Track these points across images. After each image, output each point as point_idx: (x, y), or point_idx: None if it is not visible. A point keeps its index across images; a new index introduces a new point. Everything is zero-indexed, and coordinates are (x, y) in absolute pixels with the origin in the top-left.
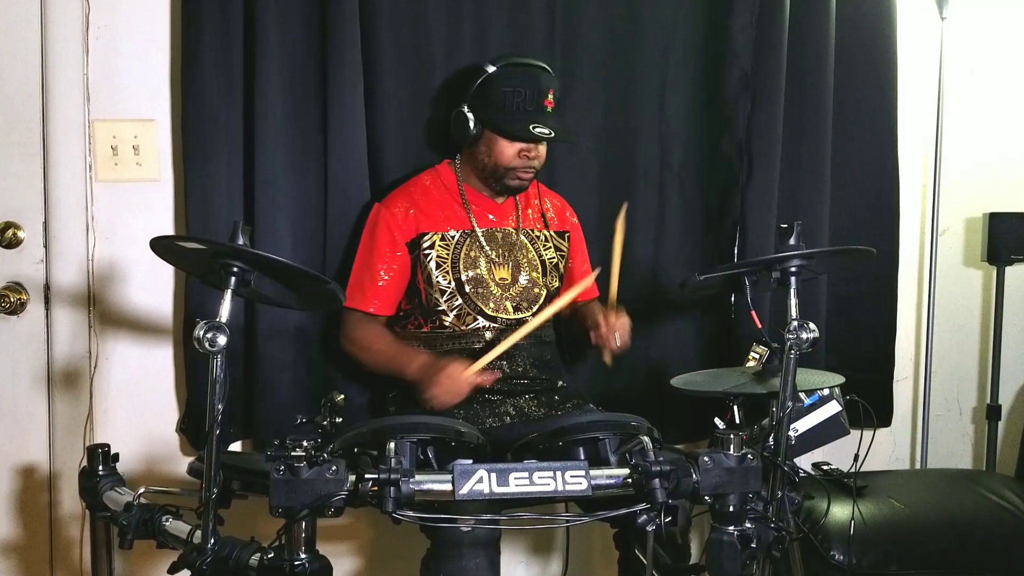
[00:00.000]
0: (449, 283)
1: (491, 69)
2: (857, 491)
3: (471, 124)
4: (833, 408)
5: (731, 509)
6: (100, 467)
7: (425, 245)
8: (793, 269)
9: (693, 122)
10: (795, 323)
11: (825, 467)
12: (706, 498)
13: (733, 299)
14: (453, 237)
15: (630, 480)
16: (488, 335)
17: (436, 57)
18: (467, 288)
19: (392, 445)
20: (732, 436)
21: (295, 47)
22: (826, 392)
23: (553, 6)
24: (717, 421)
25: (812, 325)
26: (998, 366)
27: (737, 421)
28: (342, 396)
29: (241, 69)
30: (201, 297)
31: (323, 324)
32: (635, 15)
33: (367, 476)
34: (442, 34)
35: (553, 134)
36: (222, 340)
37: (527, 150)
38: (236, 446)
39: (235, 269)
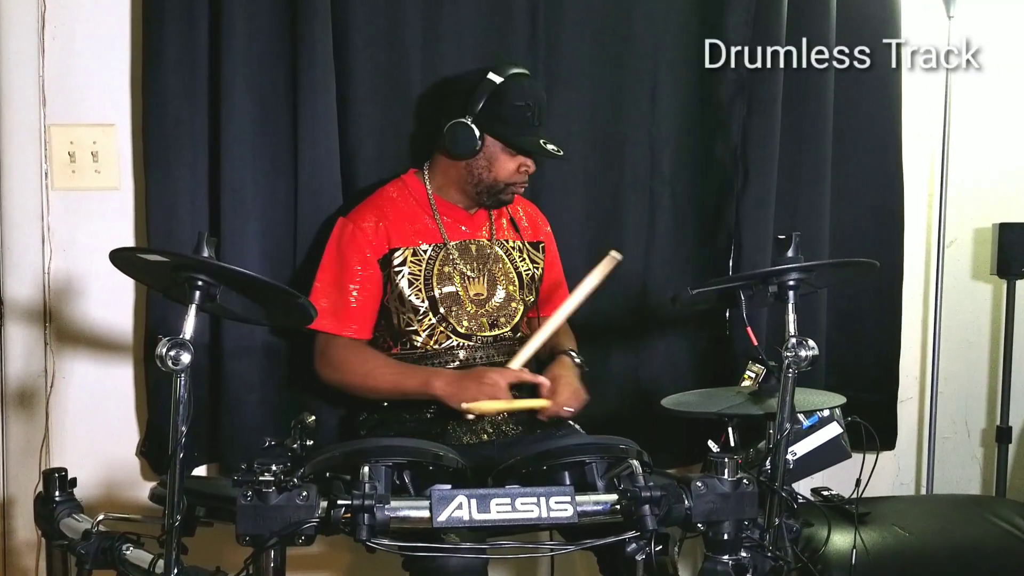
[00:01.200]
0: (422, 301)
1: (498, 80)
2: (859, 518)
3: (476, 137)
4: (834, 430)
5: (725, 537)
6: (57, 493)
7: (396, 261)
8: (791, 283)
9: (685, 127)
10: (793, 340)
11: (825, 493)
12: (699, 525)
13: (728, 315)
14: (425, 252)
15: (619, 506)
16: (462, 354)
17: (412, 59)
18: (441, 306)
19: (366, 469)
20: (727, 460)
21: (264, 46)
22: (826, 413)
23: (536, 4)
24: (711, 444)
25: (811, 342)
26: (1008, 385)
27: (732, 444)
28: (313, 417)
29: (206, 70)
30: (164, 312)
31: (293, 342)
32: (623, 14)
33: (339, 502)
34: (418, 34)
35: (560, 151)
36: (186, 358)
37: (527, 165)
38: (201, 470)
39: (200, 283)
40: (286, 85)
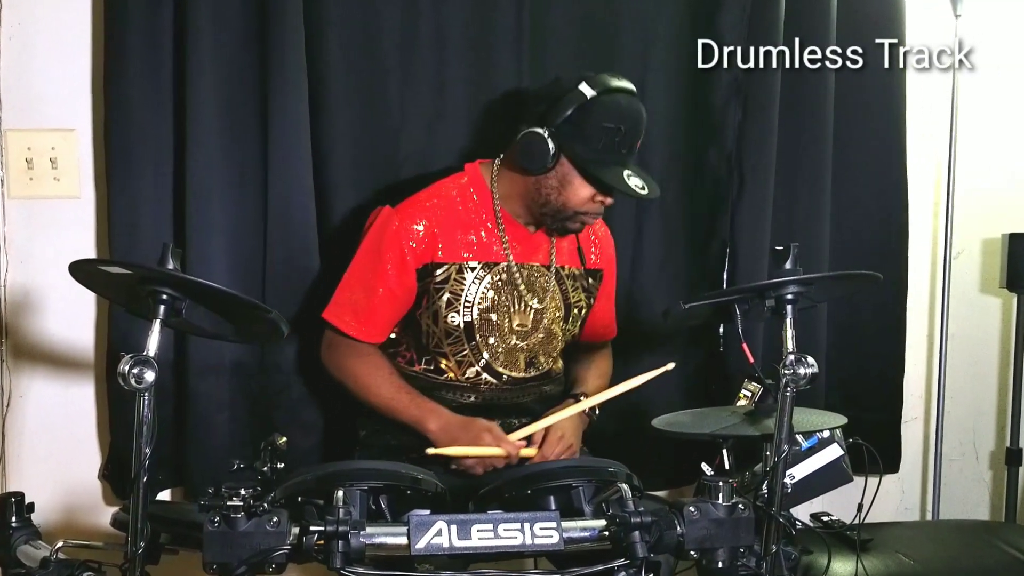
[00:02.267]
0: (458, 325)
1: (589, 93)
2: (861, 545)
3: (550, 152)
4: (834, 452)
5: (720, 565)
6: (13, 518)
7: (439, 278)
8: (789, 296)
9: (676, 131)
10: (791, 357)
11: (825, 518)
12: (692, 553)
13: (722, 330)
14: (473, 269)
15: (607, 533)
16: (484, 390)
17: (389, 58)
18: (477, 335)
19: (340, 494)
20: (721, 483)
21: (232, 47)
22: (826, 434)
23: (520, 1)
24: (704, 467)
25: (810, 359)
26: (1019, 405)
27: (727, 466)
28: (284, 439)
29: (171, 72)
30: (126, 328)
31: (263, 358)
32: (611, 11)
33: (312, 528)
34: (396, 32)
35: (647, 191)
36: (150, 376)
37: (602, 198)
38: (165, 495)
39: (164, 296)
40: (255, 88)
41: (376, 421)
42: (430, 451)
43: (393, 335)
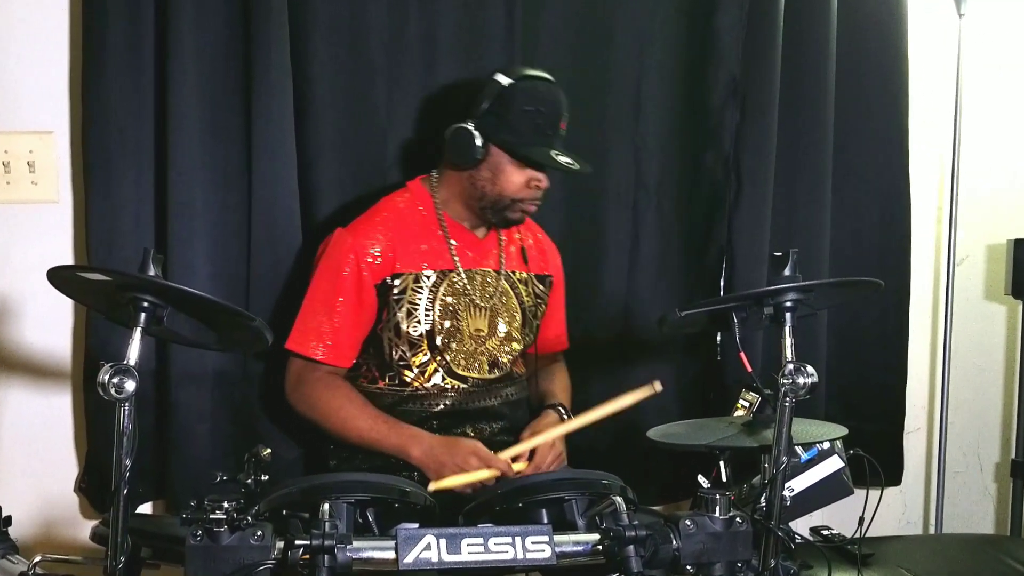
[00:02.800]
0: (420, 334)
1: (506, 82)
2: (862, 560)
3: (478, 144)
4: (834, 464)
5: None
6: None
7: (396, 289)
8: (788, 304)
9: (673, 134)
10: (791, 366)
11: (825, 532)
12: (688, 568)
13: (719, 339)
14: (429, 278)
15: (600, 547)
16: (451, 396)
17: (377, 60)
18: (439, 341)
19: (326, 507)
20: (718, 496)
21: (215, 47)
22: (826, 446)
23: (512, 1)
24: (701, 479)
25: (810, 368)
26: None
27: (724, 479)
28: (268, 451)
29: (152, 73)
30: (106, 336)
31: (246, 367)
32: (606, 11)
33: (297, 543)
34: (384, 34)
35: (576, 165)
36: (130, 386)
37: (538, 179)
38: (146, 508)
39: (145, 304)
40: (239, 89)
41: (344, 449)
42: (432, 487)
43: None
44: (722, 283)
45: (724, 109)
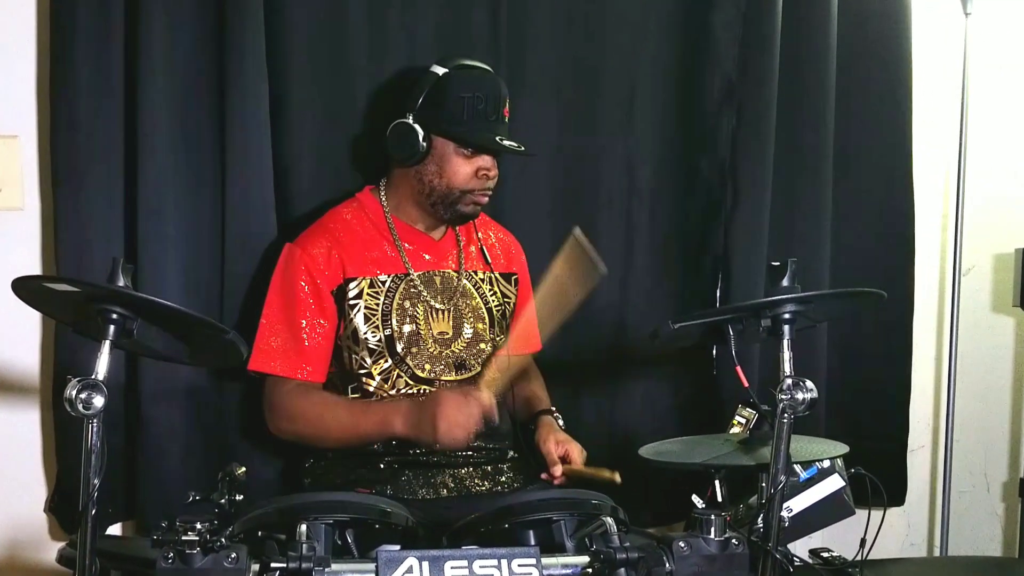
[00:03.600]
0: (379, 340)
1: (441, 71)
2: None
3: (419, 137)
4: (835, 483)
5: None
6: None
7: (352, 294)
8: (787, 316)
9: (666, 139)
10: (789, 381)
11: (825, 554)
12: None
13: (715, 352)
14: (384, 283)
15: (591, 570)
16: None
17: (357, 62)
18: (399, 346)
19: (303, 528)
20: (713, 517)
21: (187, 48)
22: (826, 464)
23: (498, 1)
24: (695, 499)
25: (810, 384)
26: None
27: (719, 498)
28: (243, 469)
29: (121, 74)
30: (74, 350)
31: (220, 382)
32: (596, 12)
33: (273, 565)
34: (364, 35)
35: (522, 148)
36: (99, 401)
37: (486, 168)
38: (116, 529)
39: (114, 316)
40: (213, 92)
41: (318, 466)
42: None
43: None
44: (718, 294)
45: (720, 113)
